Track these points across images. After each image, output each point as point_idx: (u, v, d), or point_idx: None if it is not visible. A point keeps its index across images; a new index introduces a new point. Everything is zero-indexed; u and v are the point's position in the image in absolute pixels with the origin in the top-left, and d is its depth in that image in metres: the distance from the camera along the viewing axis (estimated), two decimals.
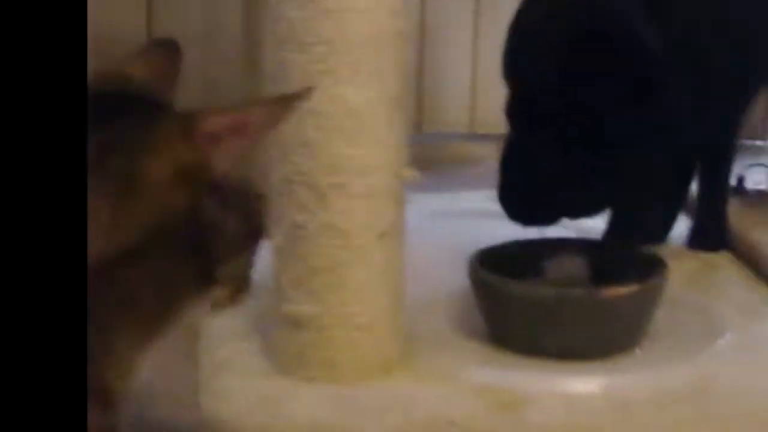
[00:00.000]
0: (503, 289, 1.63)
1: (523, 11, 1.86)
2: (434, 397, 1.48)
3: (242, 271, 1.03)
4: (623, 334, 1.62)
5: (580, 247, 1.82)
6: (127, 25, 2.64)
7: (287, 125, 1.42)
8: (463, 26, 2.77)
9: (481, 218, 2.25)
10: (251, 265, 1.04)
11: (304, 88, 1.00)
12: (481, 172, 1.86)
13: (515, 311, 1.61)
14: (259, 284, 1.12)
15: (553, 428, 1.46)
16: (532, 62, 1.82)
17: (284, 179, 1.47)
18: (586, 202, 1.87)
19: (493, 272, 1.65)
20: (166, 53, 1.07)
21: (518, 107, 1.80)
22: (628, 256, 1.77)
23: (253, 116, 0.93)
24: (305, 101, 0.99)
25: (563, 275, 1.75)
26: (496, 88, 1.84)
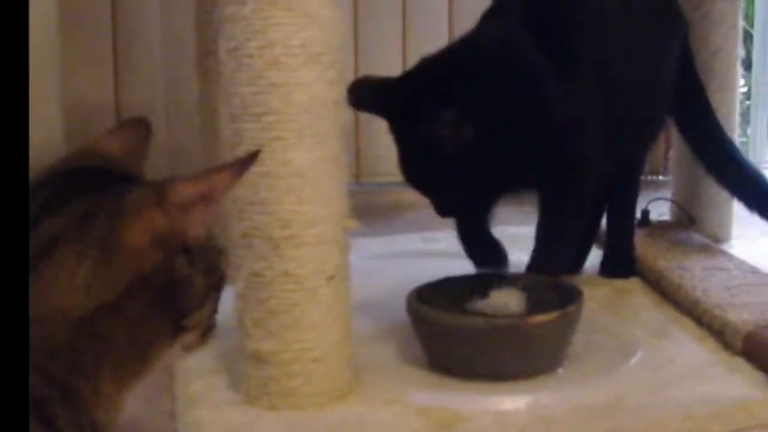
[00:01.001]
0: (439, 320, 1.63)
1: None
2: (382, 418, 1.48)
3: (208, 316, 1.00)
4: (546, 356, 1.62)
5: (506, 280, 1.79)
6: (96, 98, 2.66)
7: (243, 187, 1.44)
8: None
9: (416, 258, 2.32)
10: (216, 310, 1.02)
11: (254, 150, 1.00)
12: (414, 217, 1.85)
13: (450, 340, 1.60)
14: (224, 325, 1.09)
15: None
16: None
17: (243, 234, 1.47)
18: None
19: (429, 306, 1.66)
20: (137, 131, 1.06)
21: None
22: (548, 286, 1.76)
23: (217, 182, 0.92)
24: (256, 163, 0.98)
25: (491, 306, 1.71)
26: None
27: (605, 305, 1.99)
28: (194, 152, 2.18)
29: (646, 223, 2.43)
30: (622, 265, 2.18)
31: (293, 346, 1.49)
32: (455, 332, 1.60)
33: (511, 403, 1.53)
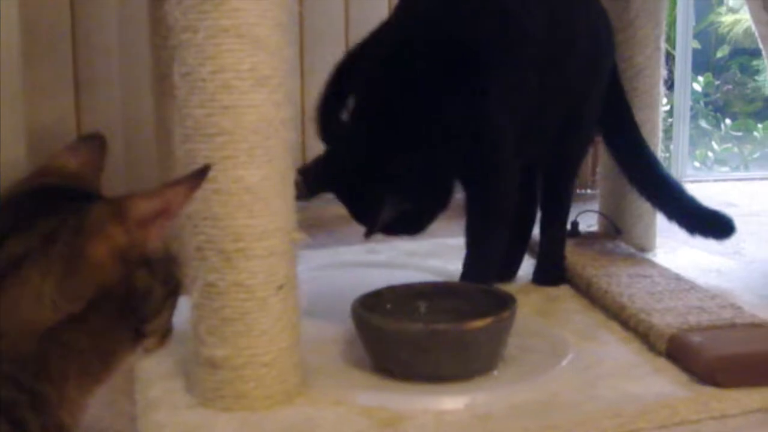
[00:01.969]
0: (382, 326, 1.64)
1: None
2: (329, 418, 1.49)
3: (166, 323, 0.99)
4: (482, 359, 1.63)
5: (443, 288, 1.83)
6: (58, 122, 2.66)
7: (197, 203, 1.44)
8: None
9: (360, 268, 2.33)
10: (172, 316, 1.00)
11: (206, 165, 0.98)
12: (357, 229, 1.85)
13: (392, 344, 1.61)
14: (180, 333, 1.08)
15: None
16: None
17: (197, 247, 1.48)
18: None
19: (372, 313, 1.67)
20: (93, 146, 1.05)
21: None
22: (483, 293, 1.77)
23: (174, 197, 0.91)
24: (209, 180, 0.99)
25: (430, 312, 1.74)
26: None
27: (538, 311, 2.01)
28: (150, 171, 2.18)
29: (575, 233, 2.45)
30: (553, 273, 2.20)
31: (245, 351, 1.49)
32: (397, 337, 1.61)
33: (449, 403, 1.54)
